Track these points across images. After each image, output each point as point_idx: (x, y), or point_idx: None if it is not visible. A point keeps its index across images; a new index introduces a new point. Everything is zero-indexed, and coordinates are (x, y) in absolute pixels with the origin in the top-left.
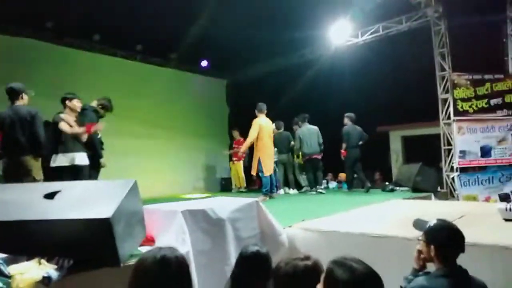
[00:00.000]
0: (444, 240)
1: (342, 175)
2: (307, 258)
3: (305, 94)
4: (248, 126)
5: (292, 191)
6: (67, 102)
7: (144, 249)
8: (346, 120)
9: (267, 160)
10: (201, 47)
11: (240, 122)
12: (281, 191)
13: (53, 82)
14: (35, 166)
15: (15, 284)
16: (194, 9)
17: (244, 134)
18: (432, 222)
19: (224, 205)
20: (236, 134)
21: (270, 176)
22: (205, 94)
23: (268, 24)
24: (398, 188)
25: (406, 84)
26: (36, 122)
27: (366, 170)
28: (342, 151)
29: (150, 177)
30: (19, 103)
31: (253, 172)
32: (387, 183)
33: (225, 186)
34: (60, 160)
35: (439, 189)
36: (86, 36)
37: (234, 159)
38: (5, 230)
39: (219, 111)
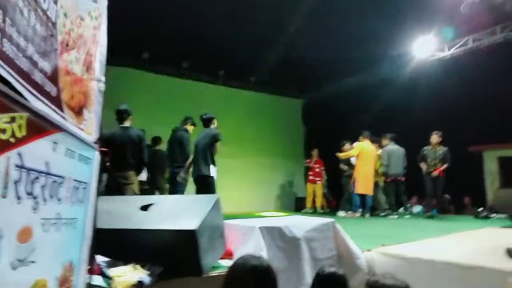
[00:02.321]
0: None
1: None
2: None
3: (385, 113)
4: (325, 145)
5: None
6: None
7: (224, 262)
8: (438, 139)
9: (362, 179)
10: (278, 70)
11: (317, 141)
12: (357, 214)
13: (149, 107)
14: (136, 180)
15: (114, 285)
16: (271, 34)
17: (322, 155)
18: None
19: (299, 224)
20: (315, 153)
21: (364, 195)
22: (282, 114)
23: (346, 42)
24: (494, 214)
25: (502, 100)
26: (143, 145)
27: (455, 194)
28: (441, 169)
29: (228, 194)
30: (126, 123)
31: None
32: (480, 208)
33: (300, 206)
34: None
35: None
36: (176, 63)
37: (317, 179)
38: (108, 237)
39: (295, 131)
